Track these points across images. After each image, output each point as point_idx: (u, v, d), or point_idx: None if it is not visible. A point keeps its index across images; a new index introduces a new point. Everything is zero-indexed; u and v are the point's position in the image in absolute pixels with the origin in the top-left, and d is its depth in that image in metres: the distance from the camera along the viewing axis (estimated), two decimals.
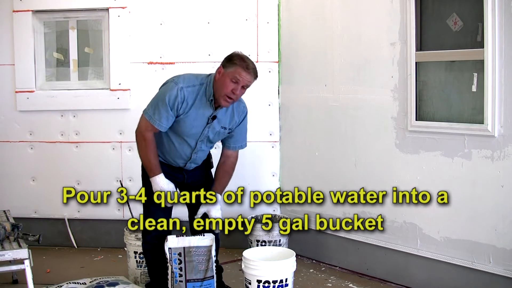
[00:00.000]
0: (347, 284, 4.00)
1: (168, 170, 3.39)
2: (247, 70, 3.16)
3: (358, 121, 4.07)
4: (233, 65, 3.16)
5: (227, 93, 3.17)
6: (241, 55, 3.21)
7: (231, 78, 3.15)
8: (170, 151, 3.37)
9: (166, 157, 3.40)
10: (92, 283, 3.72)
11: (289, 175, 4.63)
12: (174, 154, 3.38)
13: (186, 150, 3.36)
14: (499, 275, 3.34)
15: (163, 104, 3.18)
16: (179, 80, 3.24)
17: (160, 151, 3.38)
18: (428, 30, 3.68)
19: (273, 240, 4.13)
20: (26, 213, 4.77)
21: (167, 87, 3.23)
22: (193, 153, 3.38)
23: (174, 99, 3.17)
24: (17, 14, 4.68)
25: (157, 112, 3.20)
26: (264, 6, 4.58)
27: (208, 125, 3.29)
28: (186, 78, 3.25)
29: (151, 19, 4.64)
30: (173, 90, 3.18)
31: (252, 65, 3.19)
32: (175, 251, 3.33)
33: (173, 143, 3.34)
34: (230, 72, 3.15)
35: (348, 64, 4.11)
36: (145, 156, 3.29)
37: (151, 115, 3.22)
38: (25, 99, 4.74)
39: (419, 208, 3.72)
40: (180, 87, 3.18)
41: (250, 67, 3.17)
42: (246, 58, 3.21)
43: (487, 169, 3.37)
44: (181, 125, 3.26)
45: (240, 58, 3.18)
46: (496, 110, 3.30)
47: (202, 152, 3.44)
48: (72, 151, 4.78)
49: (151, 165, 3.28)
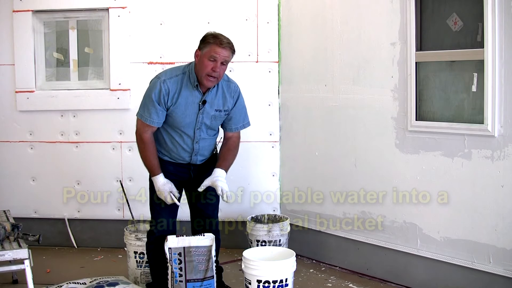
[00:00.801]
0: (347, 284, 4.00)
1: (173, 169, 3.42)
2: (221, 45, 3.21)
3: (358, 121, 4.07)
4: (208, 44, 3.23)
5: (207, 72, 3.22)
6: (214, 33, 3.27)
7: (208, 58, 3.21)
8: (173, 146, 3.40)
9: (172, 155, 3.43)
10: (92, 283, 3.72)
11: (289, 175, 4.63)
12: (177, 149, 3.41)
13: (187, 141, 3.39)
14: (499, 275, 3.35)
15: (149, 100, 3.28)
16: (161, 74, 3.34)
17: (164, 149, 3.42)
18: (428, 30, 3.68)
19: (273, 240, 4.13)
20: (26, 213, 4.78)
21: (151, 84, 3.33)
22: (194, 143, 3.40)
23: (159, 93, 3.26)
24: (17, 14, 4.68)
25: (147, 110, 3.29)
26: (264, 6, 4.58)
27: (200, 111, 3.33)
28: (167, 71, 3.37)
29: (151, 19, 4.64)
30: (156, 84, 3.27)
31: (226, 39, 3.25)
32: (175, 251, 3.33)
33: (173, 138, 3.38)
34: (206, 52, 3.22)
35: (348, 64, 4.11)
36: (144, 157, 3.38)
37: (141, 114, 3.33)
38: (25, 99, 4.74)
39: (419, 208, 3.72)
40: (162, 80, 3.28)
41: (224, 42, 3.23)
42: (220, 35, 3.26)
43: (487, 169, 3.37)
44: (174, 116, 3.31)
45: (213, 36, 3.24)
46: (496, 110, 3.30)
47: (204, 140, 3.43)
48: (72, 151, 4.78)
49: (150, 165, 3.38)
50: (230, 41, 3.28)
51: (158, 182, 3.36)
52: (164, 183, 3.36)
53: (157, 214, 3.44)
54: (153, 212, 3.47)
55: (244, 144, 4.14)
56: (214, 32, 3.30)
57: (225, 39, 3.25)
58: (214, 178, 3.35)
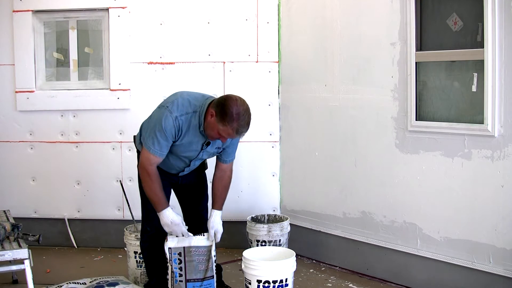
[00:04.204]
0: (347, 284, 4.00)
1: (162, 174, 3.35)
2: (236, 133, 3.08)
3: (358, 121, 4.07)
4: (226, 122, 3.03)
5: (213, 138, 3.18)
6: (237, 115, 3.03)
7: (219, 132, 3.09)
8: (164, 164, 3.33)
9: (162, 166, 3.36)
10: (92, 283, 3.72)
11: (289, 175, 4.63)
12: (168, 167, 3.38)
13: (180, 165, 3.38)
14: (499, 275, 3.34)
15: (161, 134, 3.13)
16: (173, 108, 3.14)
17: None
18: (428, 30, 3.68)
19: (273, 240, 4.13)
20: (26, 213, 4.77)
21: (162, 115, 3.14)
22: (186, 167, 3.41)
23: (171, 129, 3.12)
24: (17, 14, 4.68)
25: (157, 143, 3.14)
26: (264, 6, 4.58)
27: (202, 150, 3.30)
28: (179, 105, 3.16)
29: (151, 19, 4.64)
30: (169, 120, 3.11)
31: (245, 129, 3.09)
32: (175, 251, 3.33)
33: (167, 159, 3.30)
34: (221, 128, 3.06)
35: (348, 64, 4.11)
36: (151, 190, 3.22)
37: (150, 146, 3.15)
38: (25, 99, 4.74)
39: (419, 208, 3.72)
40: (175, 117, 3.12)
41: (240, 132, 3.07)
42: (242, 122, 3.05)
43: (487, 169, 3.37)
44: (177, 149, 3.25)
45: (235, 119, 3.03)
46: (496, 110, 3.30)
47: (195, 165, 3.46)
48: (72, 151, 4.78)
49: (158, 200, 3.23)
50: (248, 124, 3.09)
51: (170, 215, 3.23)
52: (177, 214, 3.28)
53: (149, 212, 3.41)
54: (145, 211, 3.46)
55: (244, 144, 4.16)
56: (237, 110, 3.03)
57: (245, 129, 3.08)
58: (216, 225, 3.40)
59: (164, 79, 4.66)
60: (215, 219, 3.41)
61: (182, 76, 4.64)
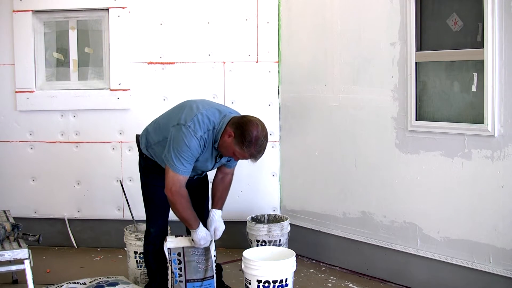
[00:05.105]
0: (347, 284, 4.00)
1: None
2: (251, 157, 3.08)
3: (358, 121, 4.07)
4: (242, 148, 3.04)
5: (226, 155, 3.21)
6: (255, 141, 3.02)
7: (234, 153, 3.10)
8: None
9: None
10: (92, 283, 3.72)
11: (289, 175, 4.63)
12: None
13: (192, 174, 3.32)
14: (499, 275, 3.34)
15: (187, 155, 3.09)
16: (196, 127, 3.09)
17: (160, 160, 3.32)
18: (428, 30, 3.68)
19: (273, 240, 4.13)
20: (26, 213, 4.77)
21: (186, 136, 3.08)
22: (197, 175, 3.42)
23: (197, 148, 3.10)
24: (17, 14, 4.68)
25: (185, 163, 3.10)
26: (264, 6, 4.58)
27: (216, 162, 3.32)
28: (201, 123, 3.11)
29: (151, 19, 4.64)
30: (194, 140, 3.07)
31: (258, 154, 3.08)
32: (174, 251, 3.33)
33: None
34: (236, 150, 3.07)
35: (348, 64, 4.10)
36: (184, 211, 3.20)
37: (179, 168, 3.10)
38: (25, 99, 4.74)
39: (419, 208, 3.72)
40: (199, 136, 3.08)
41: (255, 156, 3.08)
42: (258, 145, 3.04)
43: (487, 169, 3.37)
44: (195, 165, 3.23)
45: (254, 145, 3.02)
46: (496, 110, 3.30)
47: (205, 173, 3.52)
48: (72, 151, 4.78)
49: (189, 219, 3.24)
50: (264, 150, 3.09)
51: (202, 232, 3.28)
52: (206, 232, 3.32)
53: (152, 214, 3.43)
54: (148, 212, 3.45)
55: None
56: (257, 135, 3.02)
57: (260, 154, 3.08)
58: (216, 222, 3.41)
59: (164, 79, 4.67)
60: (215, 217, 3.42)
61: (182, 76, 4.65)
